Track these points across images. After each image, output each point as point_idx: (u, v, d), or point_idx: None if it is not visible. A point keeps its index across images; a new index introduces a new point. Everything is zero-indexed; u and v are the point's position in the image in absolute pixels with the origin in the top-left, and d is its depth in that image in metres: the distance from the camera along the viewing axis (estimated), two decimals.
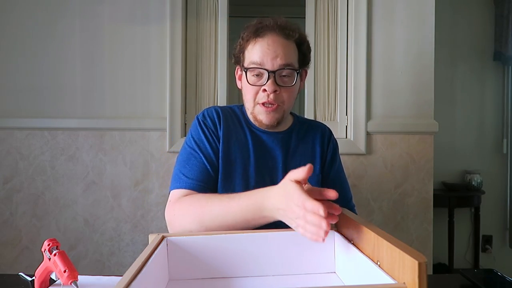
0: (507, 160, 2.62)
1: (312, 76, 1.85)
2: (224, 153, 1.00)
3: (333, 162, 1.08)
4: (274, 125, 1.00)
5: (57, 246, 0.73)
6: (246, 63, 0.99)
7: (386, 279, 0.56)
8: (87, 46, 1.82)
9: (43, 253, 0.73)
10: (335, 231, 0.78)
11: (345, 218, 0.76)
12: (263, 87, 0.95)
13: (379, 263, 0.60)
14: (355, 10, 1.78)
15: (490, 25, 2.60)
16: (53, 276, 0.72)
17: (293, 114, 1.13)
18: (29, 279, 0.80)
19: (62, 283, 0.68)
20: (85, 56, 1.82)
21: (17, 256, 1.83)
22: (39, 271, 0.74)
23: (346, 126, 1.83)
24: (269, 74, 0.94)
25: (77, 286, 0.68)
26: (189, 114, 1.84)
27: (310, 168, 0.67)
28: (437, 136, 1.90)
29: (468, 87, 2.63)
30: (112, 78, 1.82)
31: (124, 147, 1.81)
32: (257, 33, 0.96)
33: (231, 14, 1.88)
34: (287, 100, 0.98)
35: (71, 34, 1.82)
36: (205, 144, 1.00)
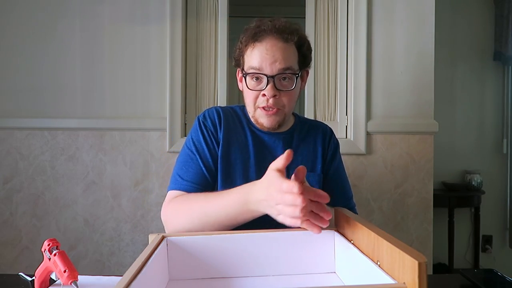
0: (507, 160, 2.62)
1: (312, 76, 1.85)
2: (224, 155, 1.00)
3: (333, 161, 1.08)
4: (275, 128, 1.00)
5: (57, 246, 0.73)
6: (246, 68, 0.98)
7: (386, 279, 0.56)
8: (87, 46, 1.82)
9: (43, 253, 0.73)
10: (335, 231, 0.78)
11: (345, 218, 0.76)
12: (263, 92, 0.95)
13: (379, 263, 0.60)
14: (355, 10, 1.78)
15: (490, 25, 2.60)
16: (53, 276, 0.72)
17: (295, 114, 1.13)
18: (29, 279, 0.80)
19: (62, 283, 0.68)
20: (85, 56, 1.82)
21: (17, 256, 1.83)
22: (39, 271, 0.74)
23: (346, 126, 1.83)
24: (268, 79, 0.94)
25: (77, 286, 0.68)
26: (189, 114, 1.84)
27: (289, 155, 0.68)
28: (437, 136, 1.90)
29: (468, 87, 2.63)
30: (112, 78, 1.82)
31: (124, 147, 1.81)
32: (255, 38, 0.95)
33: (231, 14, 1.88)
34: (288, 104, 0.98)
35: (71, 34, 1.82)
36: (203, 147, 1.00)
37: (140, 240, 1.81)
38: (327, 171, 1.07)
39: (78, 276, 0.69)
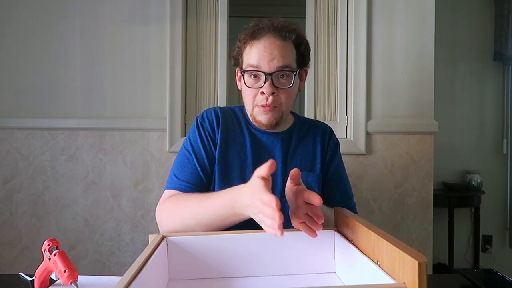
0: (507, 160, 2.62)
1: (312, 76, 1.85)
2: (222, 155, 1.01)
3: (333, 160, 1.08)
4: (273, 125, 1.00)
5: (57, 246, 0.73)
6: (244, 66, 0.99)
7: (386, 279, 0.56)
8: (87, 46, 1.82)
9: (43, 253, 0.73)
10: (335, 231, 0.78)
11: (345, 218, 0.76)
12: (261, 90, 0.95)
13: (379, 263, 0.60)
14: (355, 10, 1.78)
15: (490, 25, 2.60)
16: (53, 276, 0.72)
17: (294, 114, 1.13)
18: (29, 279, 0.80)
19: (62, 283, 0.68)
20: (85, 56, 1.82)
21: (17, 256, 1.83)
22: (39, 271, 0.74)
23: (346, 126, 1.83)
24: (266, 77, 0.94)
25: (77, 286, 0.68)
26: (189, 114, 1.84)
27: (272, 164, 0.68)
28: (437, 136, 1.90)
29: (468, 87, 2.63)
30: (112, 78, 1.82)
31: (124, 147, 1.81)
32: (254, 36, 0.96)
33: (231, 14, 1.88)
34: (285, 102, 0.98)
35: (71, 34, 1.82)
36: (200, 147, 1.01)
37: (140, 240, 1.81)
38: (327, 171, 1.07)
39: (78, 276, 0.69)
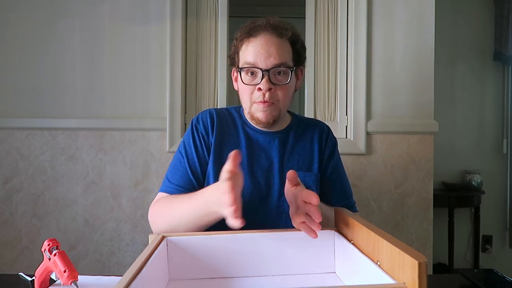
0: (507, 160, 2.62)
1: (312, 76, 1.85)
2: (216, 158, 1.01)
3: (331, 159, 1.08)
4: (271, 123, 0.99)
5: (57, 246, 0.73)
6: (241, 64, 0.99)
7: (386, 279, 0.56)
8: (87, 46, 1.82)
9: (43, 253, 0.73)
10: (335, 231, 0.78)
11: (345, 218, 0.76)
12: (258, 86, 0.96)
13: (379, 263, 0.60)
14: (355, 10, 1.78)
15: (490, 25, 2.60)
16: (53, 276, 0.72)
17: (292, 113, 1.13)
18: (29, 279, 0.80)
19: (62, 283, 0.68)
20: (85, 56, 1.82)
21: (17, 256, 1.82)
22: (39, 271, 0.74)
23: (346, 126, 1.83)
24: (263, 73, 0.95)
25: (77, 286, 0.68)
26: (189, 114, 1.84)
27: (236, 154, 0.69)
28: (437, 136, 1.90)
29: (468, 87, 2.63)
30: (112, 78, 1.82)
31: (124, 147, 1.81)
32: (250, 33, 0.97)
33: (231, 14, 1.88)
34: (283, 98, 0.98)
35: (71, 34, 1.82)
36: (192, 151, 1.02)
37: (140, 240, 1.81)
38: (325, 171, 1.07)
39: (78, 276, 0.69)
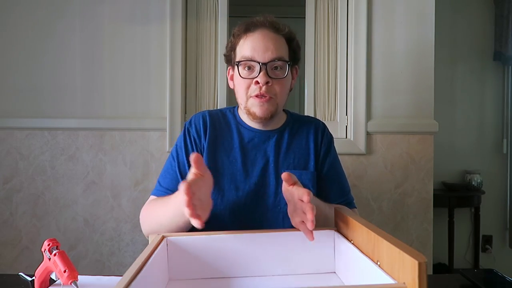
0: (507, 160, 2.62)
1: (312, 76, 1.85)
2: (210, 161, 1.01)
3: (327, 156, 1.07)
4: (268, 118, 0.98)
5: (57, 246, 0.73)
6: (238, 58, 1.00)
7: (386, 279, 0.56)
8: (87, 46, 1.82)
9: (43, 253, 0.73)
10: (335, 231, 0.78)
11: (345, 218, 0.76)
12: (255, 79, 0.96)
13: (379, 263, 0.60)
14: (355, 10, 1.78)
15: (490, 25, 2.60)
16: (53, 276, 0.72)
17: (287, 112, 1.12)
18: (29, 279, 0.80)
19: (62, 283, 0.68)
20: (85, 56, 1.82)
21: (17, 256, 1.82)
22: (39, 271, 0.74)
23: (346, 126, 1.83)
24: (261, 67, 0.95)
25: (77, 286, 0.68)
26: (189, 114, 1.84)
27: (196, 157, 0.70)
28: (437, 136, 1.90)
29: (468, 87, 2.63)
30: (112, 78, 1.82)
31: (124, 147, 1.81)
32: (248, 29, 0.99)
33: (231, 14, 1.88)
34: (280, 93, 0.99)
35: (71, 34, 1.82)
36: (183, 155, 1.02)
37: (140, 240, 1.80)
38: (322, 169, 1.06)
39: (78, 276, 0.69)
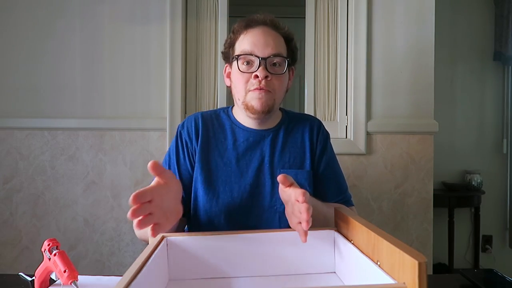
0: (507, 160, 2.62)
1: (312, 76, 1.85)
2: (203, 164, 1.00)
3: (324, 155, 1.06)
4: (266, 112, 0.98)
5: (57, 246, 0.73)
6: (237, 52, 1.00)
7: (386, 279, 0.56)
8: (87, 46, 1.82)
9: (43, 253, 0.73)
10: (335, 231, 0.78)
11: (345, 218, 0.76)
12: (255, 73, 0.96)
13: (379, 263, 0.60)
14: (355, 10, 1.78)
15: (490, 25, 2.60)
16: (53, 276, 0.72)
17: (282, 110, 1.11)
18: (29, 279, 0.80)
19: (62, 283, 0.68)
20: (85, 56, 1.82)
21: (17, 256, 1.82)
22: (39, 271, 0.74)
23: (346, 126, 1.83)
24: (260, 61, 0.96)
25: (77, 286, 0.68)
26: (189, 114, 1.84)
27: (153, 164, 0.69)
28: (437, 136, 1.90)
29: (468, 87, 2.63)
30: (112, 78, 1.82)
31: (124, 147, 1.81)
32: (248, 25, 1.00)
33: (231, 14, 1.88)
34: (278, 88, 0.99)
35: (71, 34, 1.82)
36: (174, 159, 1.03)
37: (140, 240, 1.80)
38: (318, 167, 1.05)
39: (78, 276, 0.69)
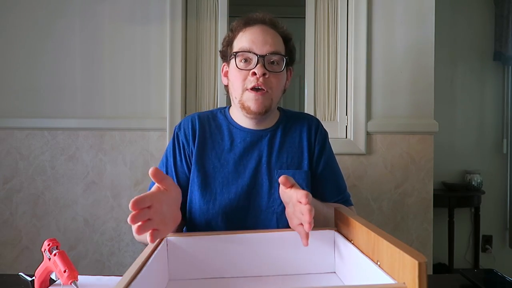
0: (507, 160, 2.62)
1: (312, 76, 1.85)
2: (200, 165, 1.00)
3: (322, 155, 1.05)
4: (262, 113, 0.97)
5: (57, 246, 0.73)
6: (236, 50, 0.99)
7: (386, 279, 0.56)
8: (87, 46, 1.82)
9: (43, 253, 0.73)
10: (335, 231, 0.78)
11: (345, 218, 0.76)
12: (253, 70, 0.95)
13: (379, 263, 0.60)
14: (355, 10, 1.78)
15: (490, 25, 2.60)
16: (53, 276, 0.72)
17: (280, 110, 1.11)
18: (29, 279, 0.80)
19: (62, 283, 0.68)
20: (85, 56, 1.82)
21: (17, 256, 1.82)
22: (39, 271, 0.74)
23: (346, 126, 1.83)
24: (259, 59, 0.95)
25: (77, 286, 0.68)
26: (189, 114, 1.84)
27: (154, 171, 0.72)
28: (437, 136, 1.90)
29: (468, 87, 2.63)
30: (112, 78, 1.82)
31: (124, 147, 1.81)
32: (247, 23, 1.00)
33: (231, 14, 1.88)
34: (275, 87, 0.98)
35: (71, 34, 1.82)
36: (171, 161, 1.03)
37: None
38: (317, 167, 1.05)
39: (78, 276, 0.69)
